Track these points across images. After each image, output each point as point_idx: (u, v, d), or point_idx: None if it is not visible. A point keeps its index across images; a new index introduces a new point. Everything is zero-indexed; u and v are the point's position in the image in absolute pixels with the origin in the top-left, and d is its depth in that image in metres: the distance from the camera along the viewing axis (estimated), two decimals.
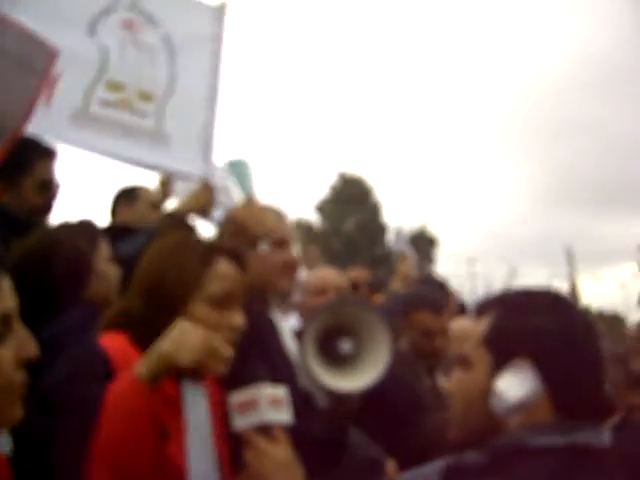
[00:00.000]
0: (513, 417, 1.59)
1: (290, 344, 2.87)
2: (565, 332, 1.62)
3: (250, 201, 2.87)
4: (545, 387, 1.58)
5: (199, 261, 2.05)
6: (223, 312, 2.04)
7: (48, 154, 3.42)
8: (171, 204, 4.32)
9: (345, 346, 2.83)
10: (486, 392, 1.63)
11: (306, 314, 3.77)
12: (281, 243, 2.92)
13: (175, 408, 1.94)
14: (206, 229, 3.85)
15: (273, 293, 2.90)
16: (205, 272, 2.04)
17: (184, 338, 1.83)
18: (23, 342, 1.41)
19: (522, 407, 1.58)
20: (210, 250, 2.10)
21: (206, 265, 2.05)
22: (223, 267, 2.08)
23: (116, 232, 3.29)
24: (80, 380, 1.85)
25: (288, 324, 3.18)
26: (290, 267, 2.94)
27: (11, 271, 1.46)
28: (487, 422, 1.62)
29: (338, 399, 2.76)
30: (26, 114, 2.77)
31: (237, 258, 2.12)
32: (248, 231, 2.70)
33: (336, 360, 2.78)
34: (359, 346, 2.79)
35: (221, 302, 2.04)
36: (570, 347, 1.61)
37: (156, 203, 4.29)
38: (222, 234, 2.74)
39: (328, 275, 3.90)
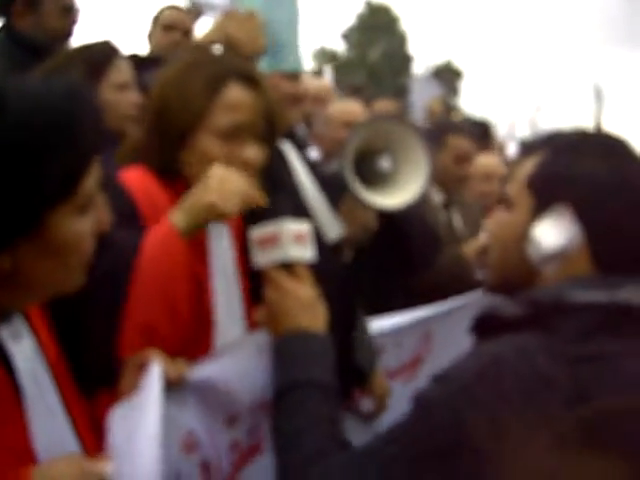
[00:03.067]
0: (549, 266, 1.51)
1: (303, 177, 2.79)
2: (614, 180, 1.49)
3: (248, 16, 2.57)
4: (585, 237, 1.48)
5: (205, 87, 1.82)
6: (234, 145, 1.83)
7: None
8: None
9: (384, 163, 2.79)
10: (524, 237, 1.53)
11: (329, 146, 3.76)
12: (291, 76, 2.78)
13: (202, 249, 1.86)
14: None
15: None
16: (211, 100, 1.82)
17: (226, 187, 1.71)
18: (101, 215, 1.40)
19: (558, 256, 1.49)
20: (219, 74, 1.84)
21: (213, 92, 1.82)
22: (234, 93, 1.84)
23: (144, 62, 3.21)
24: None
25: (309, 155, 3.15)
26: (299, 100, 2.83)
27: None
28: (522, 269, 1.54)
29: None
30: None
31: (252, 81, 1.87)
32: (238, 49, 2.48)
33: (375, 178, 2.74)
34: (397, 163, 2.74)
35: (231, 134, 1.83)
36: (617, 197, 1.48)
37: (171, 25, 4.13)
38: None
39: (353, 108, 3.85)
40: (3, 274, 1.22)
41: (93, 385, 1.56)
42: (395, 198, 2.72)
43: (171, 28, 4.14)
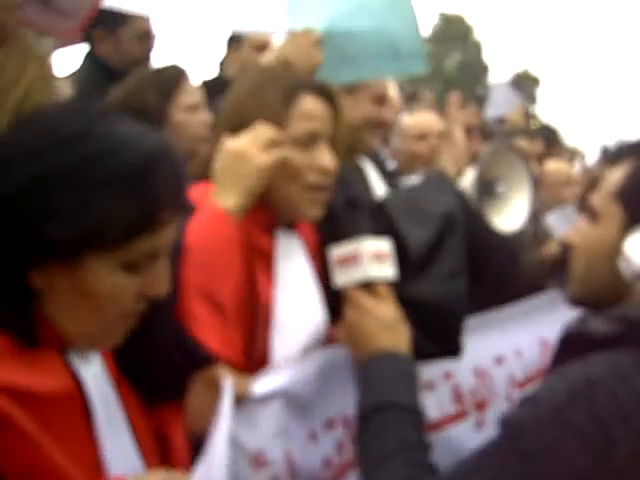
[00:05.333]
0: None
1: (380, 192, 2.82)
2: None
3: (302, 33, 2.53)
4: None
5: (281, 99, 1.87)
6: (311, 153, 1.87)
7: None
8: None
9: (500, 188, 2.83)
10: (614, 251, 1.47)
11: (404, 159, 3.76)
12: (380, 99, 2.83)
13: (268, 259, 1.86)
14: None
15: (359, 148, 2.82)
16: (288, 110, 1.86)
17: (248, 150, 1.73)
18: (154, 280, 1.29)
19: None
20: (294, 87, 1.90)
21: (289, 103, 1.87)
22: (308, 104, 1.89)
23: (216, 86, 3.24)
24: None
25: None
26: (382, 126, 2.87)
27: None
28: (611, 284, 1.49)
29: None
30: None
31: (325, 94, 1.93)
32: (292, 69, 2.43)
33: (491, 201, 2.78)
34: (508, 189, 2.78)
35: (308, 142, 1.87)
36: None
37: (262, 45, 3.91)
38: None
39: (429, 120, 3.84)
40: (35, 292, 1.23)
41: (158, 397, 1.54)
42: (505, 221, 2.76)
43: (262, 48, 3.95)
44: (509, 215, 2.81)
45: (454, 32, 37.95)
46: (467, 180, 2.97)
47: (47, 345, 1.26)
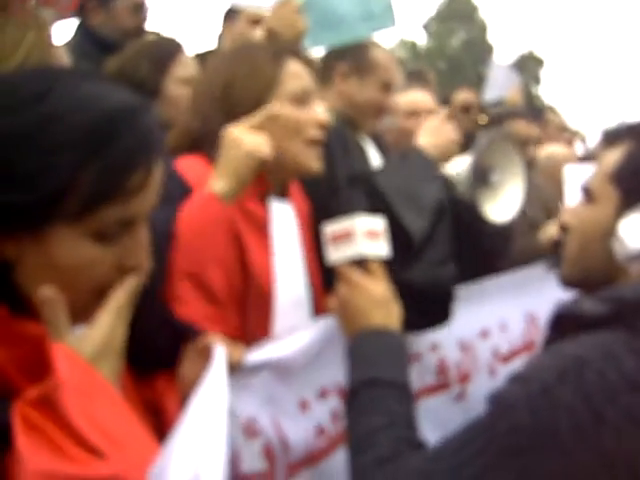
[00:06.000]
0: (635, 265, 1.44)
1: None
2: None
3: (284, 3, 2.60)
4: None
5: (271, 59, 1.95)
6: (307, 109, 1.94)
7: None
8: None
9: (494, 177, 2.84)
10: (608, 233, 1.46)
11: (396, 136, 3.77)
12: (387, 87, 2.95)
13: (260, 227, 1.88)
14: None
15: (359, 125, 2.93)
16: (279, 69, 1.94)
17: (250, 138, 1.76)
18: (132, 250, 1.19)
19: None
20: (279, 50, 2.00)
21: (279, 63, 1.95)
22: (295, 66, 1.97)
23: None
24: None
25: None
26: (384, 112, 2.99)
27: None
28: (605, 265, 1.49)
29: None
30: None
31: (303, 59, 2.03)
32: (279, 38, 2.53)
33: (485, 190, 2.80)
34: (501, 178, 2.80)
35: (302, 99, 1.94)
36: None
37: (258, 19, 3.80)
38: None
39: (419, 98, 3.85)
40: (10, 263, 1.16)
41: (151, 366, 1.52)
42: (498, 211, 2.77)
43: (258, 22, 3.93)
44: (502, 204, 2.82)
45: (459, 11, 37.72)
46: (459, 166, 2.98)
47: (35, 316, 1.17)
